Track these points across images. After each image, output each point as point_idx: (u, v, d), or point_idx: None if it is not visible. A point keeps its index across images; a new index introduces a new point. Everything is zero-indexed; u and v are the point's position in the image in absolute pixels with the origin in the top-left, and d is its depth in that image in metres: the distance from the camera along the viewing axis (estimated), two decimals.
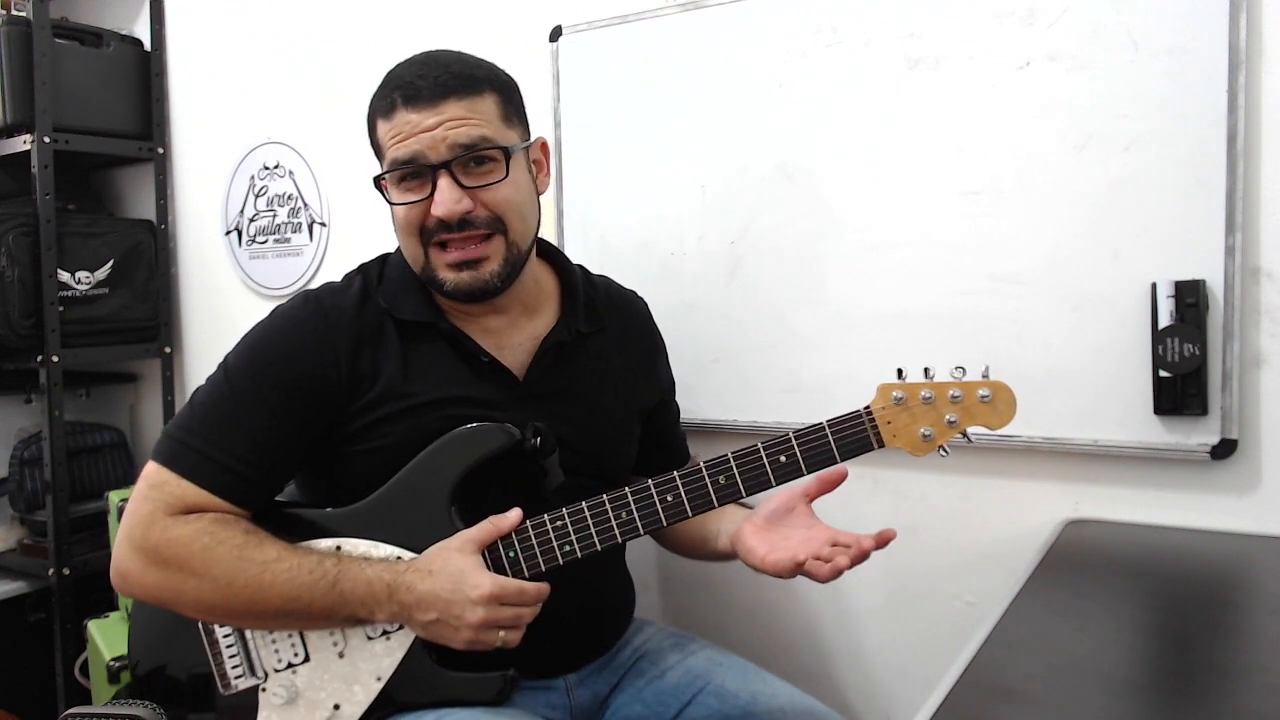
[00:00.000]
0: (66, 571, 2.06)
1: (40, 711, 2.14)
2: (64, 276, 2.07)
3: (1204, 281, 1.15)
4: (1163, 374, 1.16)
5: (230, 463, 1.04)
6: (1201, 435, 1.17)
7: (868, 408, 1.02)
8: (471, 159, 1.05)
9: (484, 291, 1.08)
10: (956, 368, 1.01)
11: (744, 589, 1.53)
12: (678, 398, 1.37)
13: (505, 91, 1.10)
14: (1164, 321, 1.16)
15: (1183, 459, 1.19)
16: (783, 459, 1.02)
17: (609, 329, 1.23)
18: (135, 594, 1.07)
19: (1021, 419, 1.25)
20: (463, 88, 1.04)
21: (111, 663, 1.81)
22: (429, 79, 1.04)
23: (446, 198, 1.03)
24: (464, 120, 1.04)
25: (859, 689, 1.45)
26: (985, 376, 1.01)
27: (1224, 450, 1.16)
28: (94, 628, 1.89)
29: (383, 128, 1.07)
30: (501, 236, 1.08)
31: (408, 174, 1.05)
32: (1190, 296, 1.14)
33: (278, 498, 1.16)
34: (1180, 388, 1.16)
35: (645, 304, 1.34)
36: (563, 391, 1.16)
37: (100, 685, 1.85)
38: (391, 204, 1.07)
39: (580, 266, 1.27)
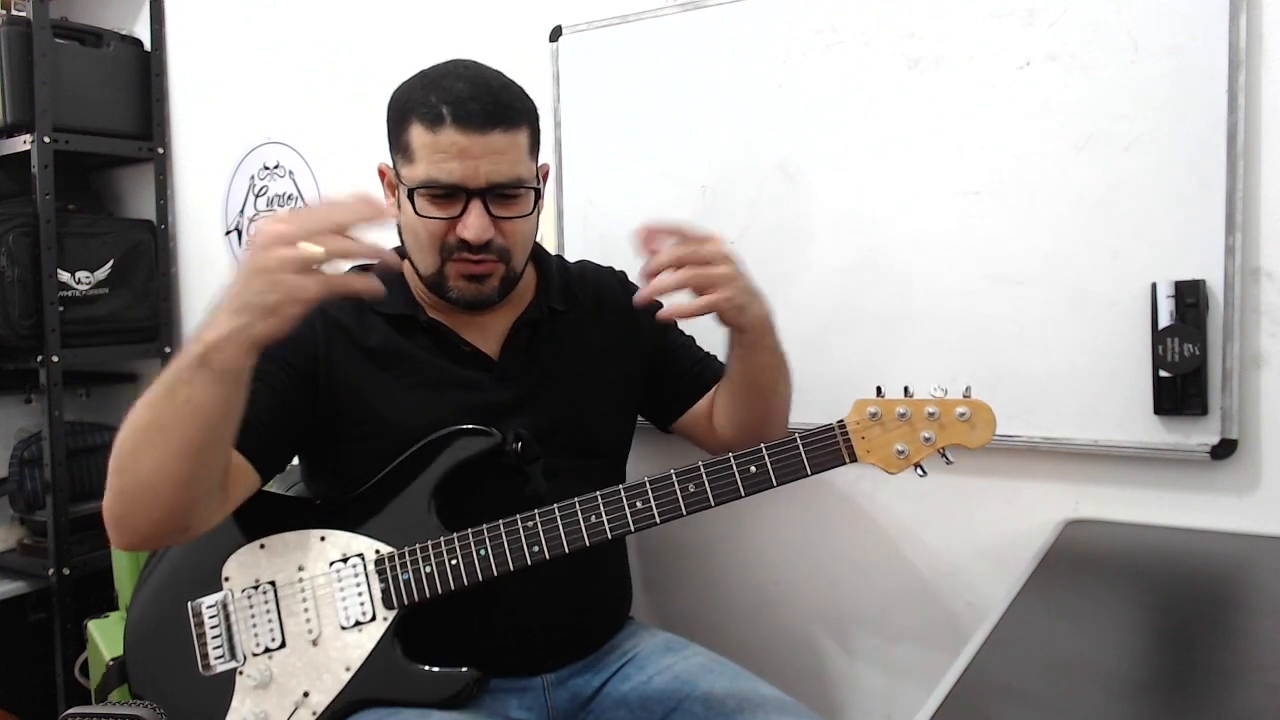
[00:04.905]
0: (66, 571, 2.06)
1: (40, 711, 2.13)
2: (64, 276, 2.06)
3: (1204, 281, 1.14)
4: (1163, 374, 1.16)
5: None
6: (1201, 435, 1.17)
7: (841, 421, 1.03)
8: (503, 191, 1.09)
9: (484, 304, 1.15)
10: (937, 387, 1.02)
11: (743, 589, 1.53)
12: None
13: (534, 123, 1.13)
14: (1164, 321, 1.16)
15: (1183, 459, 1.19)
16: (753, 469, 1.02)
17: (584, 304, 1.26)
18: (122, 529, 0.97)
19: (1021, 419, 1.26)
20: (507, 119, 1.07)
21: (111, 663, 1.80)
22: (480, 103, 1.06)
23: (478, 224, 1.07)
24: (504, 154, 1.07)
25: (859, 689, 1.45)
26: (966, 395, 1.01)
27: (1224, 450, 1.16)
28: (94, 628, 1.89)
29: (422, 136, 1.07)
30: (504, 264, 1.13)
31: (440, 192, 1.08)
32: (1190, 296, 1.14)
33: (286, 492, 1.19)
34: (1180, 388, 1.16)
35: (622, 273, 1.36)
36: (540, 368, 1.19)
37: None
38: (419, 215, 1.08)
39: (558, 255, 1.31)
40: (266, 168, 2.09)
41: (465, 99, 1.06)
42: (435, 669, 1.06)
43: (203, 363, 0.89)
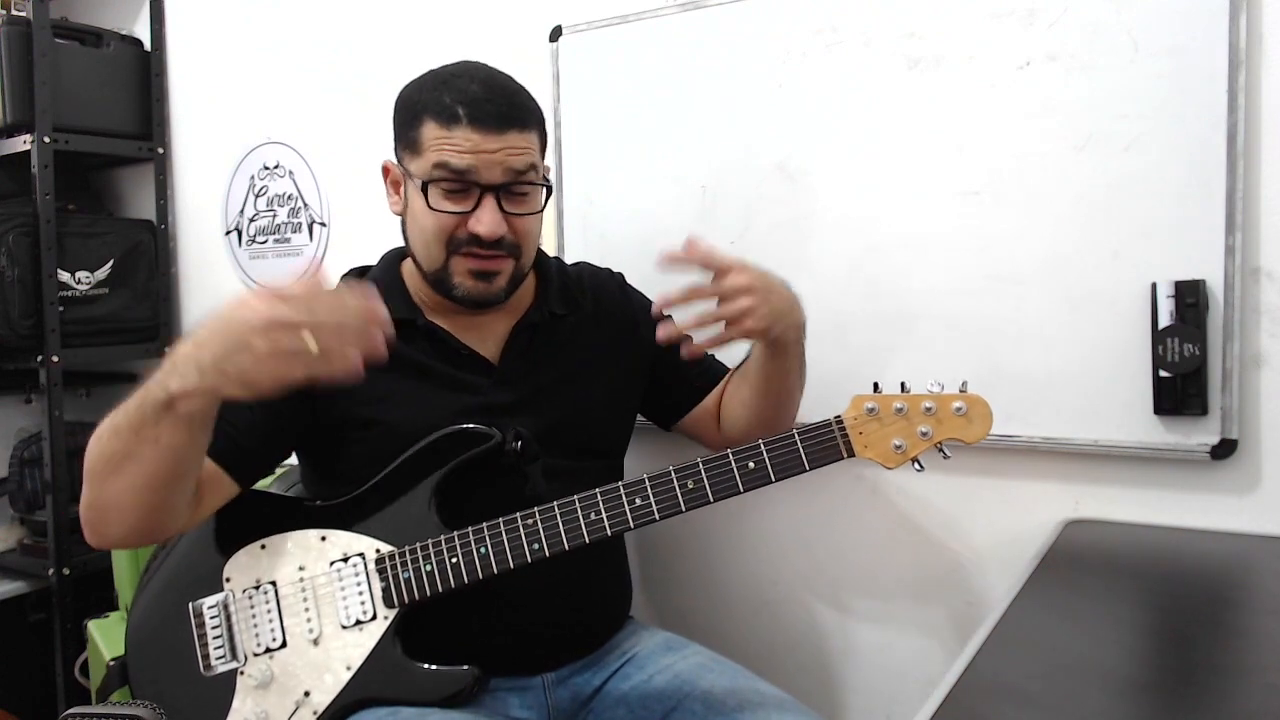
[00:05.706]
0: (66, 571, 2.06)
1: (40, 711, 2.13)
2: (64, 276, 2.06)
3: (1204, 281, 1.14)
4: (1163, 374, 1.16)
5: None
6: (1201, 435, 1.17)
7: (839, 417, 1.03)
8: (514, 187, 1.10)
9: (491, 302, 1.15)
10: (934, 382, 1.02)
11: (744, 589, 1.53)
12: None
13: (543, 128, 1.15)
14: (1164, 321, 1.16)
15: (1183, 459, 1.19)
16: (751, 465, 1.02)
17: (584, 308, 1.27)
18: (94, 533, 1.02)
19: (1021, 419, 1.26)
20: (521, 121, 1.09)
21: (111, 663, 1.80)
22: (495, 104, 1.07)
23: (491, 219, 1.08)
24: (521, 150, 1.09)
25: (859, 689, 1.45)
26: (963, 390, 1.01)
27: (1224, 450, 1.16)
28: (94, 628, 1.89)
29: (435, 130, 1.08)
30: (514, 260, 1.13)
31: (453, 185, 1.08)
32: (1190, 296, 1.14)
33: (286, 492, 1.19)
34: (1180, 388, 1.16)
35: (620, 276, 1.36)
36: (540, 372, 1.19)
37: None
38: (431, 209, 1.09)
39: (557, 258, 1.32)
40: (266, 168, 2.09)
41: (481, 99, 1.07)
42: (436, 668, 1.06)
43: (168, 408, 0.91)
